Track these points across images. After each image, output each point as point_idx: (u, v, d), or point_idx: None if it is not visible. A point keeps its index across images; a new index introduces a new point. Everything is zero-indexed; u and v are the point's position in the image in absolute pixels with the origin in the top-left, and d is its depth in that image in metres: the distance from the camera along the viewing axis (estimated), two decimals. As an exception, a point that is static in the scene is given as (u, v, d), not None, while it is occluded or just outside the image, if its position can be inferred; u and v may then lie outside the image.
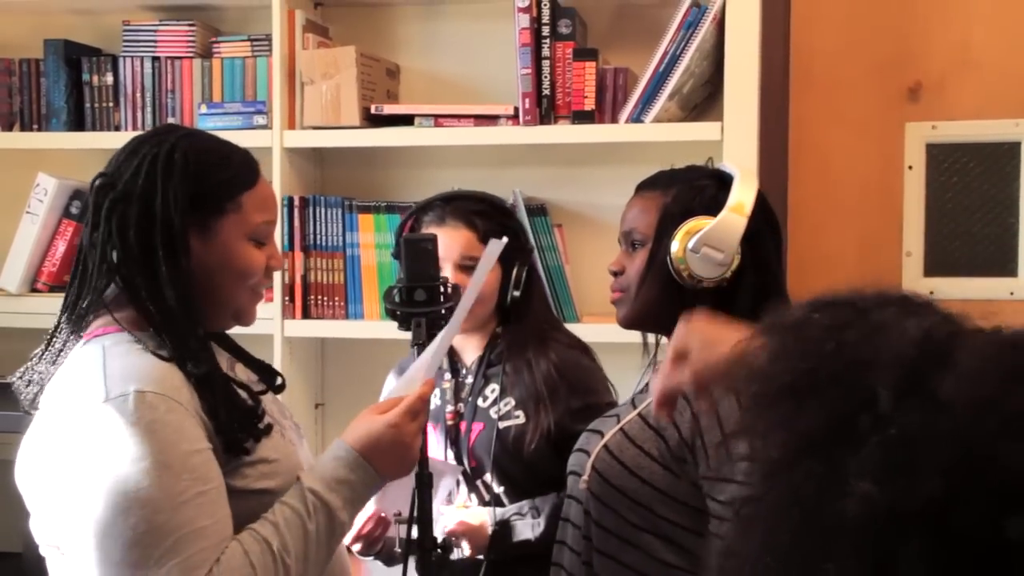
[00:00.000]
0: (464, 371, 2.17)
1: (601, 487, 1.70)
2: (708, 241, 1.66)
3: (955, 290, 2.76)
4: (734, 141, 2.54)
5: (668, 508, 1.66)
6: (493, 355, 2.14)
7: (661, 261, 1.71)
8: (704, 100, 2.74)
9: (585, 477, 1.72)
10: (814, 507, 0.57)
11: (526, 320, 2.14)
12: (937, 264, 2.79)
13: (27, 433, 1.53)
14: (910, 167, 2.79)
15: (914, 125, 2.78)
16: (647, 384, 1.79)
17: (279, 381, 1.72)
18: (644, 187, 1.82)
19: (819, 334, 0.63)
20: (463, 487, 2.11)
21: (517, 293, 2.11)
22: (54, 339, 1.57)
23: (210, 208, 1.54)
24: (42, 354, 1.58)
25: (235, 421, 1.49)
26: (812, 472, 0.58)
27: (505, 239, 1.74)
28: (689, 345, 1.33)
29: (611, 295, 1.81)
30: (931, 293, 2.77)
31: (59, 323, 1.57)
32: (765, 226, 1.73)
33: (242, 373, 1.65)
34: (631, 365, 1.95)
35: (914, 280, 2.79)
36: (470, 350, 2.17)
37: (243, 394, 1.55)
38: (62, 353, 1.56)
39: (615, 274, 1.81)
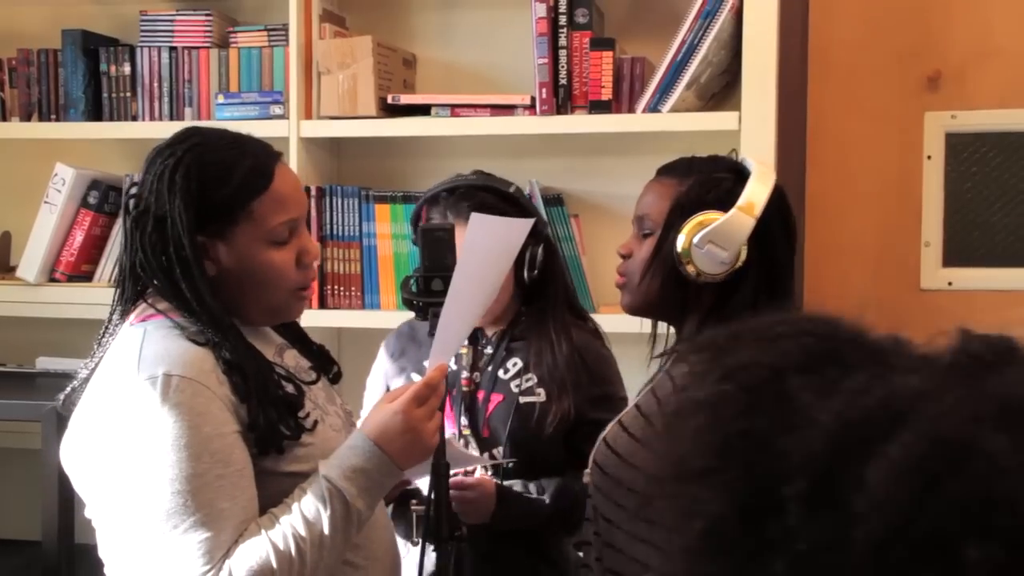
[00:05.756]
0: (484, 340, 2.16)
1: (601, 479, 1.70)
2: (713, 238, 1.65)
3: (974, 281, 2.75)
4: (752, 131, 2.53)
5: None
6: (517, 330, 2.15)
7: (667, 252, 1.70)
8: (722, 89, 2.72)
9: (587, 471, 1.72)
10: None
11: (548, 301, 2.15)
12: (956, 254, 2.78)
13: (74, 413, 1.59)
14: (929, 157, 2.77)
15: (933, 114, 2.76)
16: (654, 375, 1.79)
17: (335, 370, 1.77)
18: (663, 172, 1.80)
19: (732, 413, 0.59)
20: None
21: (535, 273, 2.10)
22: (106, 333, 1.62)
23: (221, 221, 1.55)
24: (96, 348, 1.63)
25: (272, 416, 1.51)
26: (724, 570, 0.57)
27: (483, 216, 1.70)
28: None
29: (616, 278, 1.81)
30: (949, 284, 2.76)
31: (109, 318, 1.63)
32: (779, 225, 1.71)
33: (290, 360, 1.68)
34: (646, 356, 1.94)
35: (932, 271, 2.77)
36: (492, 324, 2.17)
37: (288, 386, 1.57)
38: (111, 339, 1.61)
39: (624, 256, 1.81)
